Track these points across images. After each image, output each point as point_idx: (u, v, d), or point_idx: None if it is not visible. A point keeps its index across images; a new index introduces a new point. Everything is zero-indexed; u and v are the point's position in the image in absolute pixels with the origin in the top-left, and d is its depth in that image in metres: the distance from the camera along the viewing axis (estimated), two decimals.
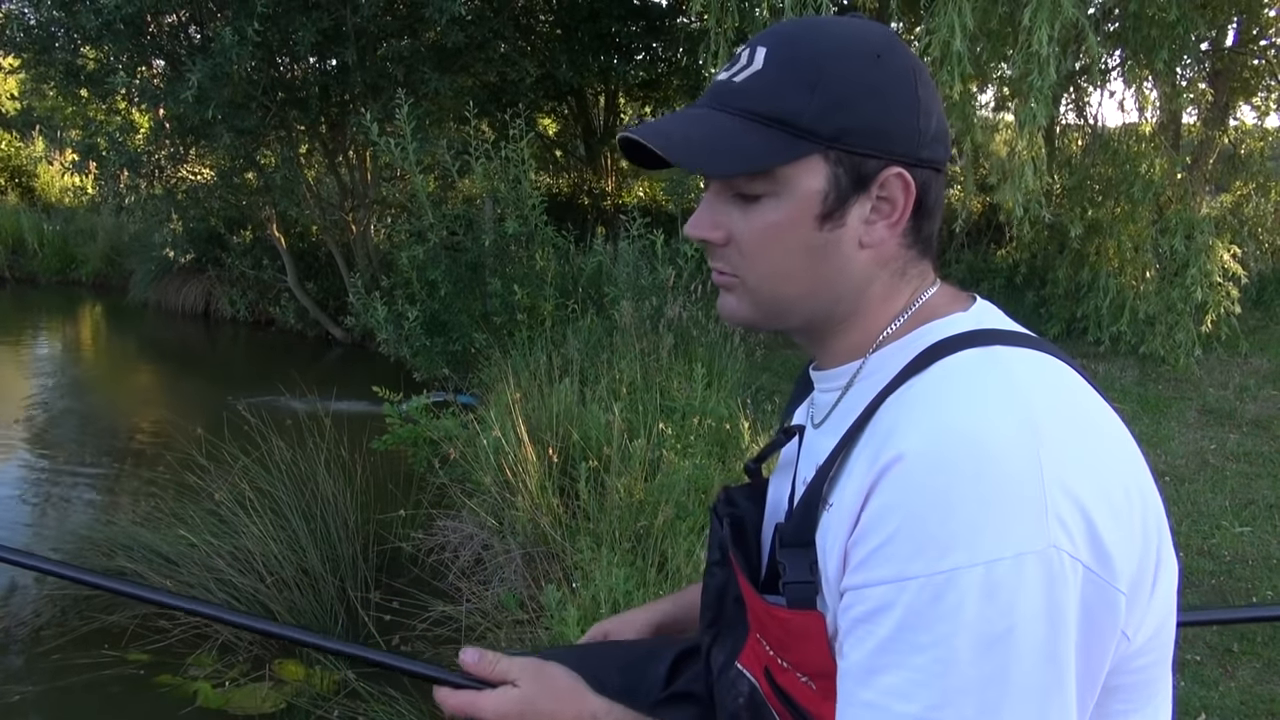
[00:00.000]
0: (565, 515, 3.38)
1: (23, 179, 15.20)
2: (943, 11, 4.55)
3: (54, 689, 3.12)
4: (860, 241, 0.75)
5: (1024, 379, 0.67)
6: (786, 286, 0.77)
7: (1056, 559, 0.59)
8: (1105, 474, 0.64)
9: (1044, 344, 0.73)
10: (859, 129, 0.72)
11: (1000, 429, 0.62)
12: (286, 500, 3.64)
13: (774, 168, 0.73)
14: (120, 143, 7.24)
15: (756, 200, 0.75)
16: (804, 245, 0.75)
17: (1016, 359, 0.69)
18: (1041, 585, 0.58)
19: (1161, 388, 5.69)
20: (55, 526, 4.37)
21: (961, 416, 0.64)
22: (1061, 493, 0.60)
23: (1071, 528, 0.60)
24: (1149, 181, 6.02)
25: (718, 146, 0.73)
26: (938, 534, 0.60)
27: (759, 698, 0.84)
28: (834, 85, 0.72)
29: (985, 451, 0.61)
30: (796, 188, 0.73)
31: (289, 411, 5.25)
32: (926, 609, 0.60)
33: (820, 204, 0.73)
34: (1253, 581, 3.35)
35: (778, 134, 0.72)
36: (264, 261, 8.94)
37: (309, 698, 2.99)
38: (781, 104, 0.72)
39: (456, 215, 6.14)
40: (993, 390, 0.66)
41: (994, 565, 0.58)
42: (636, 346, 4.51)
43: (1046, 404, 0.65)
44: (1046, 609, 0.58)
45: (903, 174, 0.73)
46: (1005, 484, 0.60)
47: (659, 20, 9.91)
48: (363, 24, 6.84)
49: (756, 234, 0.75)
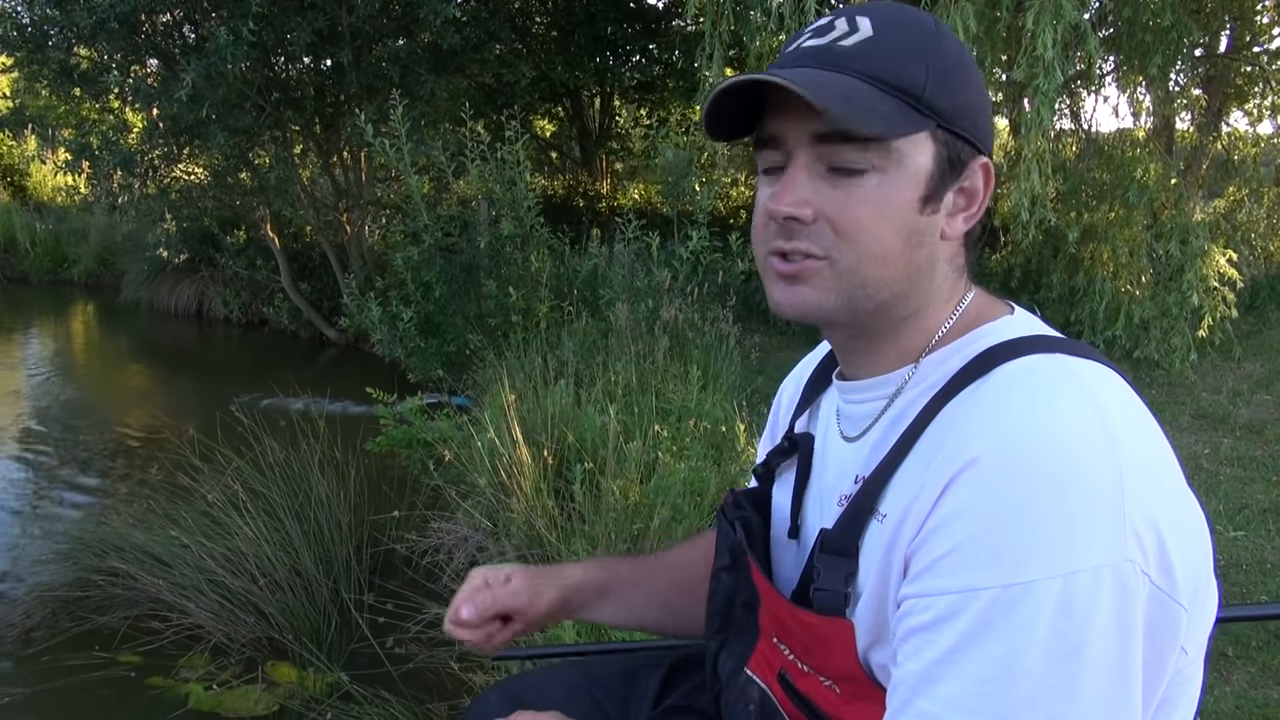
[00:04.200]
0: (560, 517, 3.37)
1: (15, 178, 15.14)
2: (945, 14, 4.56)
3: (44, 691, 3.09)
4: (943, 232, 0.72)
5: (1097, 388, 0.65)
6: (883, 269, 0.71)
7: (1131, 573, 0.58)
8: (1174, 489, 0.64)
9: (1095, 353, 0.72)
10: (965, 110, 0.70)
11: (1082, 437, 0.60)
12: (280, 501, 3.62)
13: (900, 137, 0.68)
14: (114, 142, 7.21)
15: (860, 175, 0.69)
16: (907, 227, 0.70)
17: (1084, 368, 0.67)
18: (1115, 599, 0.57)
19: (1155, 392, 5.70)
20: (47, 527, 4.34)
21: (1040, 421, 0.61)
22: (1138, 506, 0.59)
23: (1146, 542, 0.59)
24: (1143, 186, 6.04)
25: (856, 103, 0.67)
26: (1015, 543, 0.58)
27: (770, 704, 0.82)
28: (943, 63, 0.69)
29: (1068, 458, 0.59)
30: (909, 164, 0.69)
31: (282, 412, 5.23)
32: (999, 620, 0.57)
33: (926, 184, 0.70)
34: (1247, 586, 3.35)
35: (900, 103, 0.68)
36: (258, 262, 8.92)
37: (302, 700, 2.97)
38: (903, 73, 0.68)
39: (452, 217, 6.14)
40: (1068, 397, 0.63)
41: (1072, 578, 0.57)
42: (632, 349, 4.50)
43: (1121, 415, 0.64)
44: (1118, 623, 0.57)
45: (988, 165, 0.71)
46: (1087, 494, 0.58)
47: (655, 23, 9.92)
48: (358, 25, 6.83)
49: (862, 210, 0.69)
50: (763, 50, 5.91)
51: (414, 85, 7.04)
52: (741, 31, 6.03)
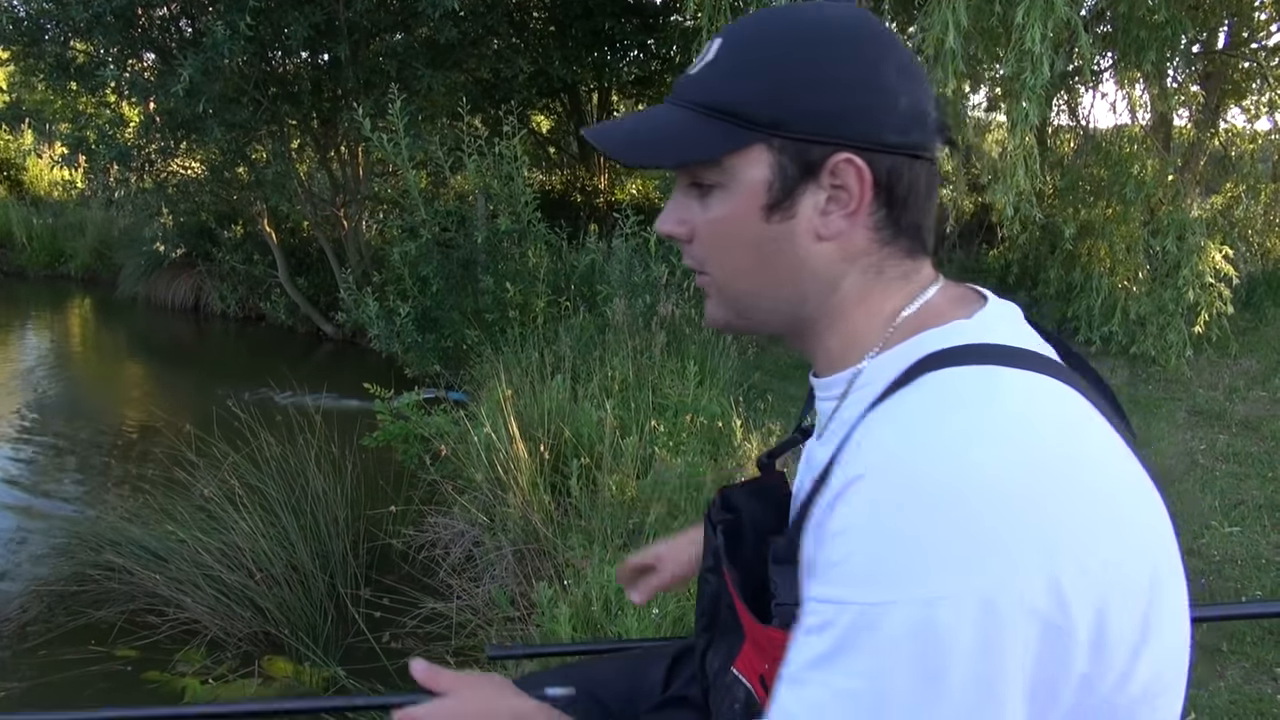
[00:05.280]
0: (557, 512, 3.38)
1: (11, 172, 15.08)
2: (936, 9, 4.56)
3: (41, 685, 3.10)
4: (817, 234, 0.71)
5: (1013, 405, 0.62)
6: (742, 282, 0.74)
7: (1004, 603, 0.55)
8: (1081, 519, 0.59)
9: (1056, 367, 0.67)
10: (802, 114, 0.69)
11: (972, 457, 0.58)
12: (276, 496, 3.63)
13: (719, 157, 0.70)
14: (110, 136, 7.18)
15: (710, 192, 0.73)
16: (753, 238, 0.72)
17: (1014, 382, 0.63)
18: (980, 629, 0.55)
19: (1152, 388, 5.71)
20: (43, 521, 4.33)
21: (930, 439, 0.60)
22: (1028, 535, 0.56)
23: (1028, 572, 0.56)
24: (1140, 182, 6.04)
25: (660, 139, 0.72)
26: (881, 563, 0.57)
27: (755, 704, 0.82)
28: (776, 71, 0.69)
29: (947, 481, 0.57)
30: (742, 178, 0.71)
31: (279, 407, 5.23)
32: (861, 637, 0.57)
33: (765, 194, 0.70)
34: (1242, 581, 3.36)
35: (721, 124, 0.70)
36: (255, 257, 8.90)
37: (297, 694, 2.97)
38: (725, 93, 0.70)
39: (449, 212, 6.13)
40: (970, 415, 0.61)
41: (934, 603, 0.55)
42: (629, 344, 4.51)
43: (1032, 435, 0.60)
44: (983, 653, 0.55)
45: (853, 159, 0.69)
46: (961, 518, 0.56)
47: (652, 17, 9.90)
48: (355, 19, 6.81)
49: (710, 226, 0.73)
50: None
51: (411, 80, 7.03)
52: None
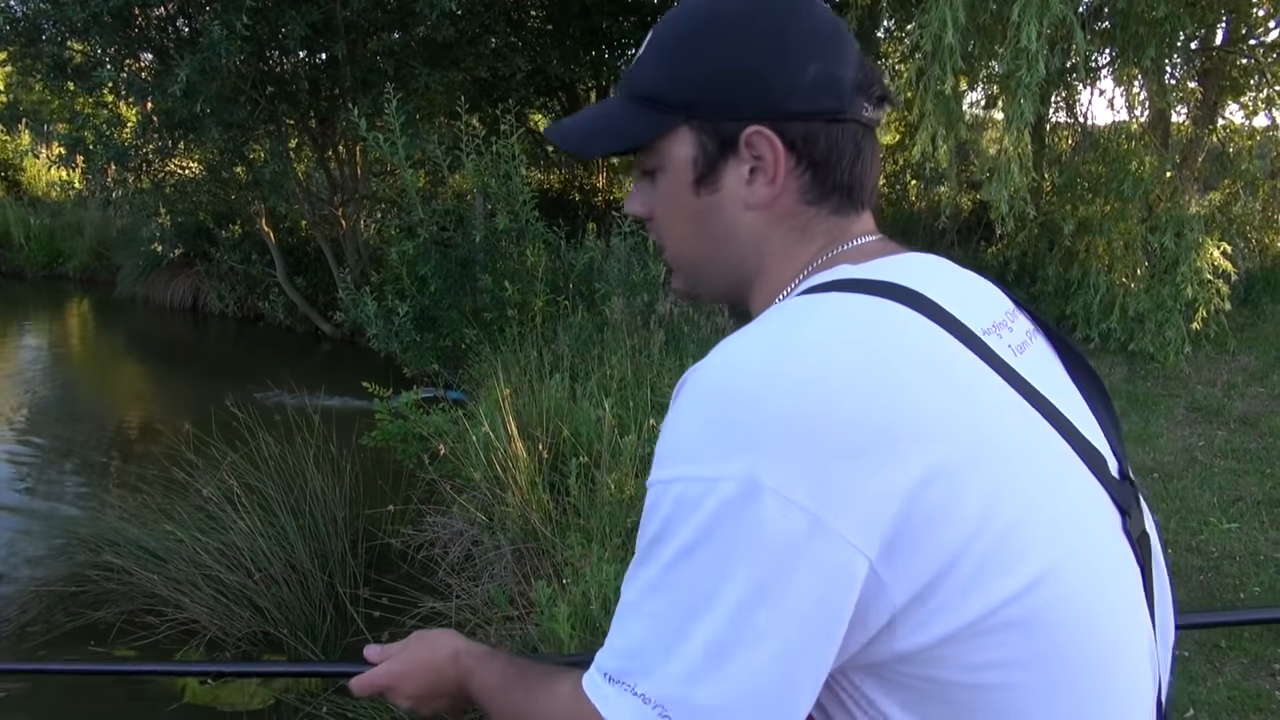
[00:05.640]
0: (555, 511, 3.37)
1: (9, 172, 15.08)
2: (934, 6, 4.56)
3: (40, 686, 3.10)
4: (745, 202, 0.76)
5: (819, 320, 0.66)
6: (687, 251, 0.81)
7: (752, 489, 0.58)
8: (869, 421, 0.60)
9: (911, 296, 0.67)
10: (710, 94, 0.74)
11: (749, 360, 0.64)
12: (275, 496, 3.62)
13: (650, 142, 0.77)
14: (107, 136, 7.18)
15: (654, 174, 0.79)
16: (689, 211, 0.78)
17: (835, 303, 0.67)
18: (729, 510, 0.58)
19: (1150, 385, 5.71)
20: (42, 522, 4.33)
21: (737, 349, 0.65)
22: (782, 427, 0.59)
23: (790, 465, 0.58)
24: (1138, 179, 6.04)
25: (603, 130, 0.80)
26: (665, 449, 0.64)
27: None
28: (685, 56, 0.75)
29: (721, 379, 0.63)
30: (673, 158, 0.77)
31: (278, 407, 5.22)
32: (648, 511, 0.64)
33: (692, 170, 0.76)
34: (1240, 578, 3.36)
35: (647, 111, 0.77)
36: (253, 256, 8.89)
37: (297, 694, 2.97)
38: (648, 83, 0.77)
39: (447, 211, 6.13)
40: (774, 327, 0.66)
41: (690, 483, 0.60)
42: (627, 342, 4.51)
43: (824, 344, 0.63)
44: (731, 533, 0.58)
45: (761, 131, 0.73)
46: (724, 410, 0.61)
47: (650, 16, 9.88)
48: (353, 18, 6.80)
49: (658, 204, 0.81)
50: None
51: (409, 79, 7.02)
52: None
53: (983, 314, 0.72)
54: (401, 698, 0.94)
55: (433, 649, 0.92)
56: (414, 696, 0.93)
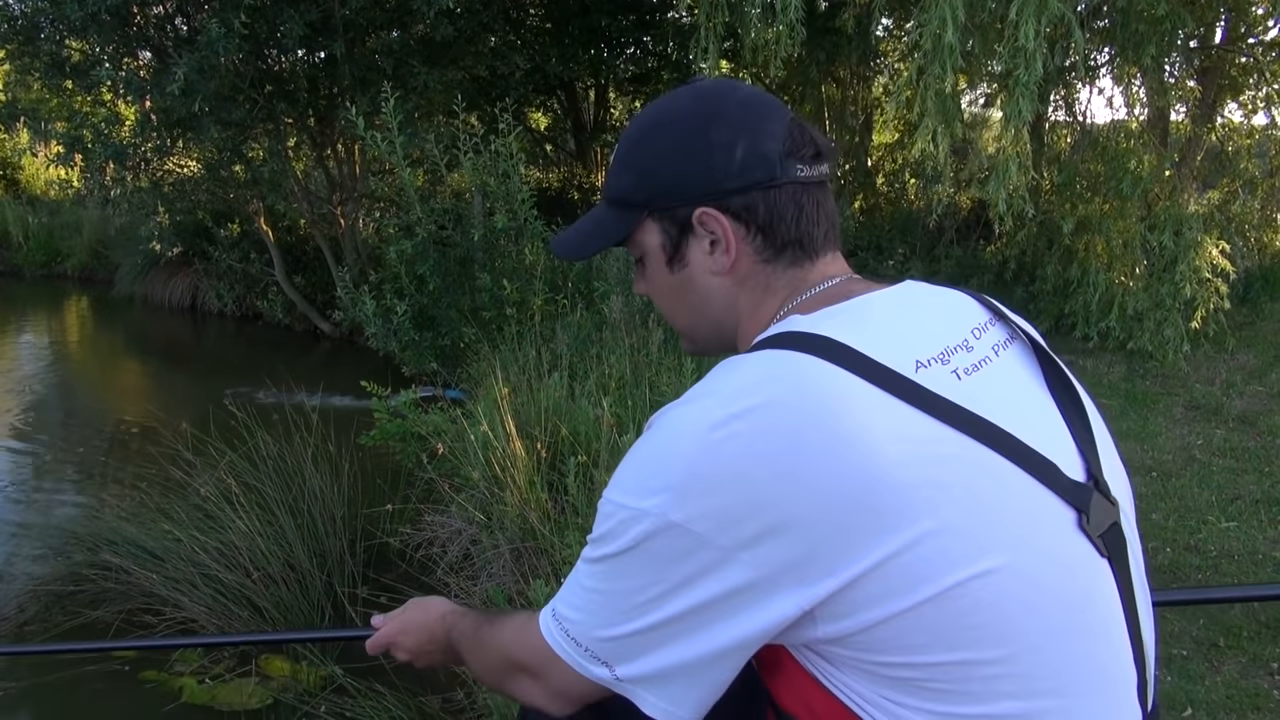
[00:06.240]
0: (554, 510, 3.37)
1: (7, 171, 15.07)
2: (934, 5, 4.55)
3: (38, 685, 3.09)
4: (711, 271, 0.90)
5: (740, 379, 0.76)
6: (679, 320, 0.97)
7: (658, 519, 0.73)
8: (752, 462, 0.70)
9: (839, 351, 0.75)
10: (661, 190, 0.88)
11: (677, 419, 0.76)
12: (273, 495, 3.62)
13: (627, 236, 0.92)
14: (106, 135, 7.17)
15: (641, 261, 0.95)
16: (669, 286, 0.94)
17: (762, 361, 0.76)
18: (637, 532, 0.74)
19: (1149, 383, 5.71)
20: (40, 520, 4.33)
21: (683, 403, 0.77)
22: (685, 476, 0.72)
23: (691, 504, 0.71)
24: (1137, 178, 6.03)
25: (591, 233, 0.95)
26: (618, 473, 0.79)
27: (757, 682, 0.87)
28: (637, 161, 0.90)
29: (660, 431, 0.77)
30: (647, 246, 0.92)
31: (276, 406, 5.22)
32: (600, 518, 0.79)
33: (663, 252, 0.91)
34: (1238, 577, 3.36)
35: (619, 212, 0.92)
36: (251, 255, 8.89)
37: (295, 694, 2.97)
38: (615, 188, 0.93)
39: (445, 210, 6.12)
40: (704, 387, 0.77)
41: (620, 507, 0.76)
42: (626, 341, 4.50)
43: (735, 401, 0.73)
44: (641, 551, 0.75)
45: (707, 210, 0.86)
46: (653, 455, 0.76)
47: (649, 14, 9.88)
48: (351, 16, 6.80)
49: (648, 286, 0.96)
50: (757, 43, 5.90)
51: (407, 77, 7.02)
52: (736, 24, 6.01)
53: (930, 343, 0.78)
54: (402, 652, 1.13)
55: (426, 611, 1.11)
56: (411, 650, 1.12)
